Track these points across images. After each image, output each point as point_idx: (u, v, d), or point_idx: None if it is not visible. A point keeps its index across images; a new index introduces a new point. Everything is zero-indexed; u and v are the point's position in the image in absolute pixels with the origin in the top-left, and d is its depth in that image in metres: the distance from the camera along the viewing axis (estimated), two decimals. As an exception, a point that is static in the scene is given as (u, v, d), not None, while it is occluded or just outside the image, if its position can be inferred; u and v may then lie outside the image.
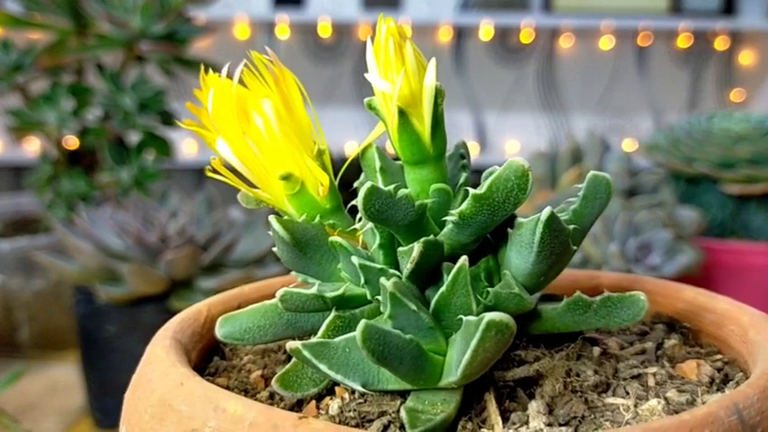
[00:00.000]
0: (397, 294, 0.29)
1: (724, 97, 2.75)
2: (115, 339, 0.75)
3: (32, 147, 2.00)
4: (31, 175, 1.03)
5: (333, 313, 0.33)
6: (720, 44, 2.67)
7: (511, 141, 2.74)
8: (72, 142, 1.01)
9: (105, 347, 0.76)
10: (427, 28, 2.60)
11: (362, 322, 0.26)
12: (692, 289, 0.40)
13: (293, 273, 0.35)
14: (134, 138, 0.99)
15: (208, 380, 0.34)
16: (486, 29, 2.60)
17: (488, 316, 0.26)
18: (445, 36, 2.66)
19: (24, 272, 0.92)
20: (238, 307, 0.37)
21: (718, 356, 0.35)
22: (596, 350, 0.33)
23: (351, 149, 1.88)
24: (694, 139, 1.00)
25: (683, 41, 2.65)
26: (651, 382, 0.32)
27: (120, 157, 0.97)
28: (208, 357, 0.38)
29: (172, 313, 0.74)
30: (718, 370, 0.33)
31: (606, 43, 2.66)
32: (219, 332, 0.35)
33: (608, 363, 0.33)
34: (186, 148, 2.49)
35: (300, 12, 2.49)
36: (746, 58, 2.72)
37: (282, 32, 2.60)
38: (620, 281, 0.42)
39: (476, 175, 0.35)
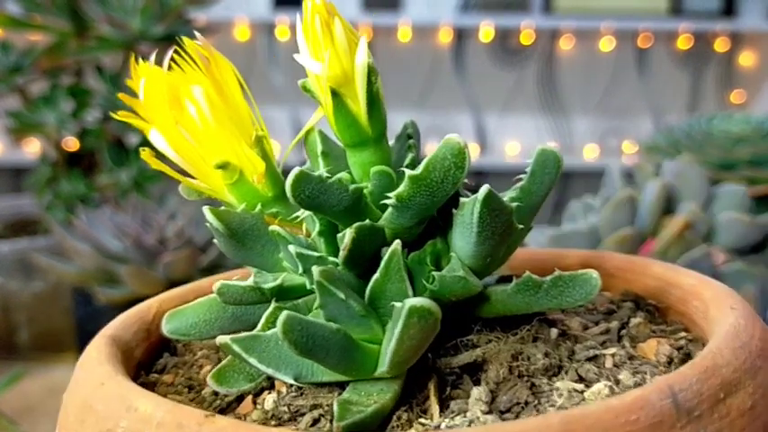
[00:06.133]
0: (324, 282, 0.28)
1: (724, 98, 2.75)
2: (114, 341, 0.74)
3: (32, 148, 1.99)
4: (31, 177, 1.03)
5: (273, 305, 0.31)
6: (720, 45, 2.67)
7: (511, 143, 2.74)
8: (71, 144, 1.01)
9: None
10: (427, 29, 2.60)
11: (283, 313, 0.26)
12: (660, 264, 0.38)
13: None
14: (133, 139, 0.99)
15: (154, 377, 0.34)
16: (486, 30, 2.60)
17: (409, 302, 0.25)
18: (445, 37, 2.66)
19: (23, 273, 0.92)
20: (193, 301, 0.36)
21: (683, 334, 0.33)
22: (554, 332, 0.32)
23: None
24: (694, 140, 0.99)
25: (684, 43, 2.65)
26: (609, 363, 0.30)
27: (120, 159, 0.97)
28: (159, 354, 0.37)
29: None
30: (679, 349, 0.32)
31: (606, 45, 2.66)
32: (166, 328, 0.34)
33: (564, 344, 0.31)
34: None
35: (300, 13, 2.49)
36: (747, 59, 2.72)
37: (283, 34, 2.60)
38: (587, 258, 0.40)
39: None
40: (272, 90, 2.53)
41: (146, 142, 0.31)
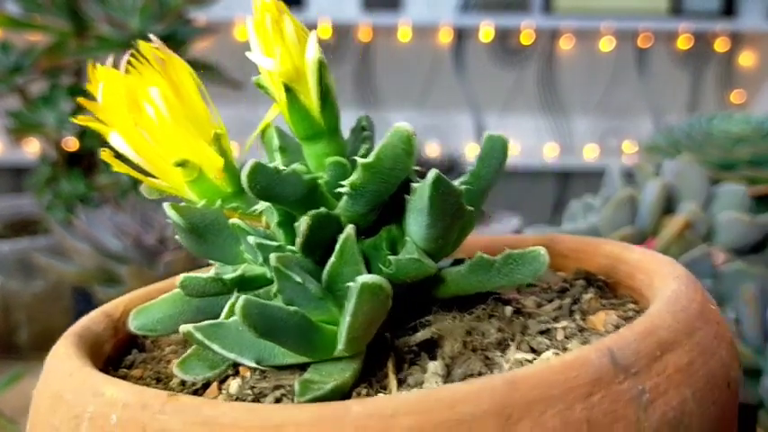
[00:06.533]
0: (281, 268, 0.29)
1: (724, 98, 2.75)
2: (114, 341, 0.75)
3: (32, 148, 1.99)
4: (31, 177, 1.03)
5: (235, 295, 0.32)
6: (720, 45, 2.67)
7: (511, 143, 2.74)
8: (71, 144, 1.01)
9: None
10: (427, 29, 2.60)
11: (241, 298, 0.26)
12: (610, 242, 0.40)
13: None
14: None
15: (123, 372, 0.35)
16: (486, 30, 2.60)
17: (361, 279, 0.27)
18: (445, 37, 2.66)
19: (23, 273, 0.92)
20: None
21: (631, 306, 0.35)
22: (508, 309, 0.33)
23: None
24: (694, 140, 1.00)
25: (684, 43, 2.65)
26: (560, 336, 0.32)
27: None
28: (128, 351, 0.38)
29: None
30: (627, 319, 0.33)
31: (606, 44, 2.66)
32: (132, 324, 0.34)
33: (518, 321, 0.33)
34: (186, 150, 2.49)
35: (300, 13, 2.49)
36: (747, 59, 2.72)
37: (282, 34, 2.60)
38: (539, 241, 0.41)
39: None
40: (272, 90, 2.53)
41: (106, 144, 0.32)
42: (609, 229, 0.66)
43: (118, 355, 0.37)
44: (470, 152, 2.27)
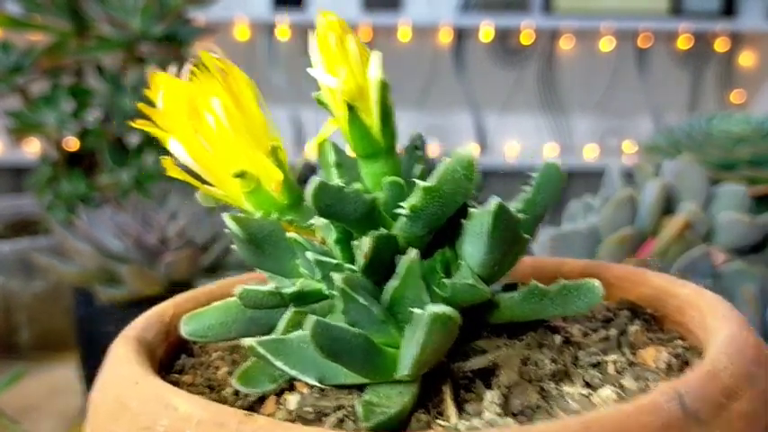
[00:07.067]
0: (347, 290, 0.29)
1: (724, 98, 2.75)
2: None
3: (32, 148, 1.99)
4: (31, 177, 1.03)
5: (291, 309, 0.33)
6: (720, 45, 2.68)
7: (511, 143, 2.74)
8: (72, 144, 1.01)
9: (105, 349, 0.76)
10: (427, 29, 2.60)
11: (312, 319, 0.27)
12: (656, 275, 0.39)
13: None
14: (134, 139, 0.99)
15: (174, 377, 0.35)
16: (486, 30, 2.60)
17: (432, 309, 0.27)
18: (445, 37, 2.66)
19: (24, 273, 0.92)
20: (207, 304, 0.37)
21: (680, 342, 0.35)
22: (557, 338, 0.33)
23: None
24: (694, 140, 1.00)
25: (684, 43, 2.66)
26: (611, 369, 0.32)
27: (120, 159, 0.97)
28: (177, 355, 0.38)
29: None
30: (677, 356, 0.33)
31: (606, 45, 2.66)
32: (184, 330, 0.35)
33: (568, 351, 0.33)
34: (186, 150, 2.49)
35: (300, 12, 2.49)
36: (747, 59, 2.72)
37: (282, 34, 2.60)
38: (585, 267, 0.42)
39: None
40: (272, 90, 2.53)
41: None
42: (609, 230, 0.66)
43: (168, 357, 0.37)
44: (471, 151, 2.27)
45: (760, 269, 0.60)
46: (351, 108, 0.32)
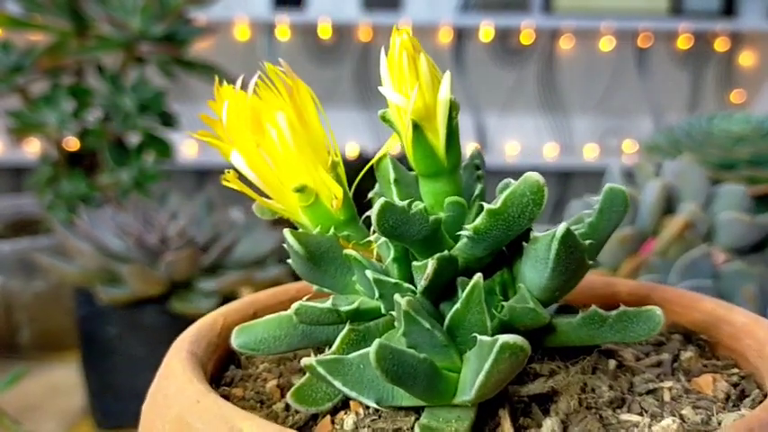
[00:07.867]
0: (411, 313, 0.29)
1: (724, 98, 2.75)
2: (115, 341, 0.75)
3: (33, 148, 2.00)
4: (32, 177, 1.03)
5: (347, 326, 0.33)
6: (720, 45, 2.68)
7: (511, 143, 2.74)
8: (72, 143, 1.01)
9: (106, 349, 0.76)
10: (427, 29, 2.60)
11: (376, 342, 0.26)
12: (709, 300, 0.39)
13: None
14: (134, 139, 0.99)
15: (224, 390, 0.35)
16: (486, 30, 2.60)
17: (503, 338, 0.26)
18: (445, 37, 2.66)
19: (25, 273, 0.92)
20: (254, 314, 0.37)
21: (735, 370, 0.34)
22: (612, 363, 0.33)
23: (351, 151, 1.88)
24: (694, 140, 1.00)
25: (684, 42, 2.66)
26: (666, 397, 0.31)
27: (121, 159, 0.97)
28: (224, 366, 0.38)
29: (172, 315, 0.74)
30: (735, 385, 0.33)
31: (606, 44, 2.66)
32: (235, 342, 0.35)
33: (623, 376, 0.33)
34: (186, 150, 2.49)
35: (300, 13, 2.49)
36: (747, 59, 2.72)
37: (282, 34, 2.60)
38: (637, 289, 0.41)
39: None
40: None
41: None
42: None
43: (216, 369, 0.37)
44: (469, 150, 2.27)
45: (760, 269, 0.60)
46: (416, 127, 0.31)
